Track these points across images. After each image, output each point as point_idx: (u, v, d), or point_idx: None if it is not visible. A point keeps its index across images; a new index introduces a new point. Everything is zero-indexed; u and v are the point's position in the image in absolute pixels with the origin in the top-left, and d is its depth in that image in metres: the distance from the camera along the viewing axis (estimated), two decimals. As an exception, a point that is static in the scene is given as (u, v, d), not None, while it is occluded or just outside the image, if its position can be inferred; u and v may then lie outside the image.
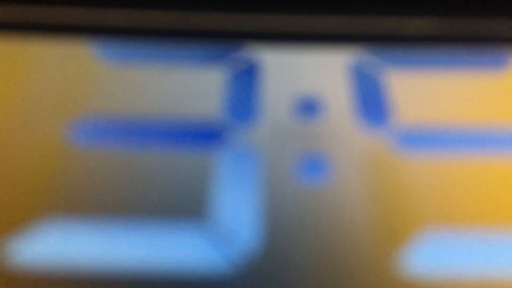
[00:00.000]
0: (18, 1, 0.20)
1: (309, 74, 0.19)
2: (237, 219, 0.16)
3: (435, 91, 0.19)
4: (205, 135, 0.17)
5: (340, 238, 0.15)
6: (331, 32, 0.20)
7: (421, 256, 0.15)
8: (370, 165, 0.17)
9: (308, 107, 0.18)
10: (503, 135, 0.18)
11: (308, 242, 0.15)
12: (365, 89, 0.19)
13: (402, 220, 0.16)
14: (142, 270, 0.15)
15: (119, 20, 0.20)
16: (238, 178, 0.16)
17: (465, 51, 0.20)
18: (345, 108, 0.18)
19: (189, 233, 0.15)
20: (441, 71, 0.19)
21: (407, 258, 0.15)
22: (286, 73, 0.19)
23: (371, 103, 0.18)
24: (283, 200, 0.16)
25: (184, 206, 0.16)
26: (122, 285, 0.14)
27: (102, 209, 0.16)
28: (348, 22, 0.20)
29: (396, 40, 0.20)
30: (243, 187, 0.16)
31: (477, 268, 0.15)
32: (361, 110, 0.18)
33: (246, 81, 0.19)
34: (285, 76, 0.19)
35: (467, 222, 0.16)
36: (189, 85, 0.19)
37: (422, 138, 0.18)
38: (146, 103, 0.18)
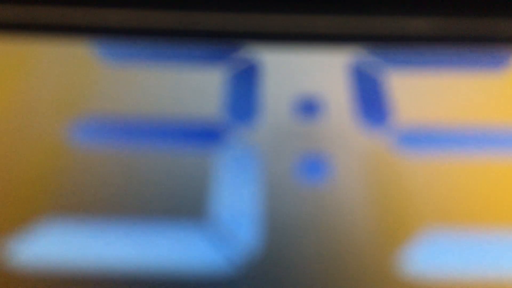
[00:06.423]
0: (18, 1, 0.20)
1: (309, 74, 0.19)
2: (237, 219, 0.16)
3: (435, 91, 0.19)
4: (205, 135, 0.17)
5: (340, 238, 0.15)
6: (331, 32, 0.20)
7: (421, 256, 0.15)
8: (370, 165, 0.17)
9: (308, 107, 0.18)
10: (503, 135, 0.18)
11: (308, 242, 0.15)
12: (365, 89, 0.19)
13: (402, 220, 0.16)
14: (142, 270, 0.15)
15: (119, 20, 0.20)
16: (238, 178, 0.16)
17: (465, 51, 0.20)
18: (345, 108, 0.18)
19: (189, 233, 0.15)
20: (441, 71, 0.19)
21: (407, 258, 0.15)
22: (286, 73, 0.19)
23: (371, 103, 0.18)
24: (283, 200, 0.16)
25: (184, 206, 0.16)
26: (122, 285, 0.14)
27: (102, 209, 0.16)
28: (348, 22, 0.20)
29: (396, 40, 0.20)
30: (243, 187, 0.16)
31: (477, 268, 0.15)
32: (361, 110, 0.18)
33: (246, 81, 0.19)
34: (285, 76, 0.19)
35: (467, 222, 0.16)
36: (189, 85, 0.19)
37: (422, 138, 0.18)
38: (146, 103, 0.18)
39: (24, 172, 0.16)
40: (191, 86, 0.19)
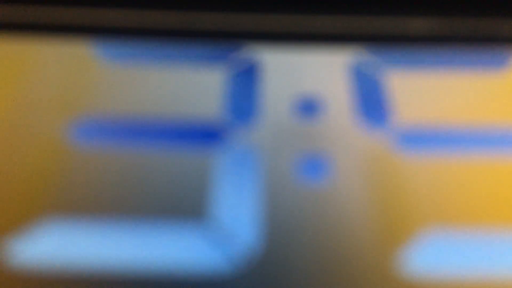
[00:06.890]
0: (18, 1, 0.20)
1: (309, 74, 0.19)
2: (237, 219, 0.16)
3: (435, 91, 0.19)
4: (205, 135, 0.17)
5: (340, 238, 0.15)
6: (331, 32, 0.20)
7: (421, 256, 0.15)
8: (370, 165, 0.17)
9: (308, 107, 0.18)
10: (503, 135, 0.18)
11: (308, 242, 0.15)
12: (365, 89, 0.19)
13: (402, 220, 0.16)
14: (142, 270, 0.15)
15: (119, 20, 0.20)
16: (238, 178, 0.16)
17: (465, 51, 0.20)
18: (345, 108, 0.18)
19: (189, 233, 0.15)
20: (441, 71, 0.19)
21: (407, 258, 0.15)
22: (286, 73, 0.19)
23: (371, 103, 0.18)
24: (283, 200, 0.16)
25: (184, 206, 0.16)
26: (122, 285, 0.14)
27: (102, 209, 0.16)
28: (348, 22, 0.20)
29: (396, 40, 0.20)
30: (243, 187, 0.16)
31: (477, 268, 0.15)
32: (361, 110, 0.18)
33: (246, 81, 0.19)
34: (285, 76, 0.19)
35: (467, 222, 0.16)
36: (189, 85, 0.19)
37: (422, 138, 0.18)
38: (146, 103, 0.18)
39: (24, 172, 0.16)
40: (191, 86, 0.19)
